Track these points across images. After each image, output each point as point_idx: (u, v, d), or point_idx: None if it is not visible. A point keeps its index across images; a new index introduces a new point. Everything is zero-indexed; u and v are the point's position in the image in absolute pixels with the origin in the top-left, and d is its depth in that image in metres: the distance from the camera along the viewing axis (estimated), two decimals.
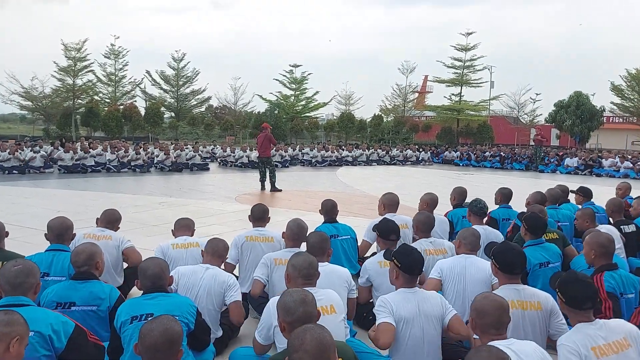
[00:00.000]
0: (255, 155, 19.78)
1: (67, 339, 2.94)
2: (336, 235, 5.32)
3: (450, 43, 62.61)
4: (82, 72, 41.49)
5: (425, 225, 4.86)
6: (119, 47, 45.87)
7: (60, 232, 4.30)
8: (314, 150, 26.01)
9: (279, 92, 50.32)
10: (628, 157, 24.62)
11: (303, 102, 50.51)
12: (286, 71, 49.99)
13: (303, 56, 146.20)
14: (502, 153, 28.23)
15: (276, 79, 50.26)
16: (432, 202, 6.00)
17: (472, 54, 45.52)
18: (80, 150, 19.24)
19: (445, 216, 6.22)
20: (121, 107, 42.83)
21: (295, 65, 49.80)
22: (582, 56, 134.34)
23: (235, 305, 3.94)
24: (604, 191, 12.55)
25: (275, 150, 23.03)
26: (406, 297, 3.37)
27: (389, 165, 26.96)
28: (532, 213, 4.90)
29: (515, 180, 19.31)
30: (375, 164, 27.06)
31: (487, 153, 29.11)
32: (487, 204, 5.51)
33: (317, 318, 2.74)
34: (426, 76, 62.45)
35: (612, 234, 5.03)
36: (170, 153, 20.72)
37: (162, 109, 46.29)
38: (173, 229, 5.02)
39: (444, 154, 30.45)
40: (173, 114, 50.74)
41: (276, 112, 46.22)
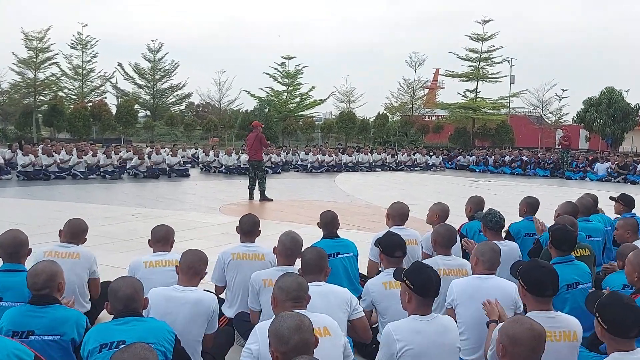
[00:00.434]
0: (246, 159, 19.77)
1: None
2: (337, 253, 5.27)
3: (465, 32, 62.97)
4: (45, 64, 41.52)
5: (445, 240, 4.82)
6: (87, 36, 46.00)
7: (14, 249, 4.21)
8: (309, 154, 26.03)
9: (269, 87, 50.56)
10: None
11: (297, 99, 50.65)
12: (278, 64, 50.25)
13: (297, 48, 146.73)
14: (524, 157, 28.31)
15: (266, 73, 50.49)
16: (443, 213, 5.99)
17: (490, 44, 45.81)
18: (42, 153, 19.21)
19: (459, 230, 6.21)
20: (89, 104, 42.84)
21: (289, 57, 50.02)
22: (615, 47, 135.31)
23: (211, 336, 4.00)
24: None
25: (265, 153, 23.03)
26: (417, 327, 3.33)
27: (395, 172, 26.99)
28: (562, 225, 4.88)
29: (539, 189, 19.34)
30: (380, 169, 27.09)
31: (506, 157, 29.18)
32: (503, 215, 5.49)
33: (314, 345, 2.73)
34: (437, 70, 62.78)
35: None
36: (145, 157, 20.70)
37: (136, 106, 46.33)
38: (150, 240, 4.97)
39: (458, 158, 30.51)
40: (148, 113, 50.79)
41: (266, 110, 46.32)
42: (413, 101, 50.51)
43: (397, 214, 5.71)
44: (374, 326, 4.40)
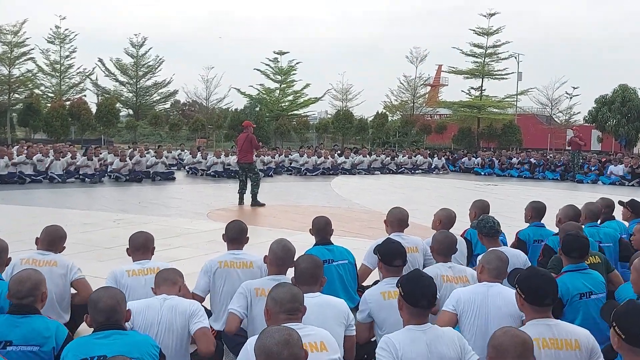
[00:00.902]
0: (235, 161, 19.72)
1: None
2: (331, 260, 5.31)
3: (469, 26, 63.13)
4: (20, 60, 41.44)
5: (443, 247, 4.88)
6: (65, 29, 45.96)
7: None
8: (303, 155, 26.05)
9: (261, 85, 50.55)
10: None
11: (290, 97, 50.67)
12: (270, 59, 50.25)
13: (291, 42, 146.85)
14: (532, 159, 28.41)
15: (257, 69, 50.48)
16: (448, 220, 6.02)
17: (496, 39, 45.98)
18: (17, 155, 19.17)
19: (462, 235, 6.24)
20: (67, 103, 42.78)
21: (281, 53, 50.06)
22: (629, 43, 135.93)
23: (201, 332, 3.88)
24: None
25: (256, 156, 23.04)
26: (414, 337, 3.36)
27: (395, 175, 27.04)
28: (574, 232, 4.93)
29: (548, 193, 19.42)
30: (379, 172, 27.14)
31: (514, 159, 29.28)
32: (499, 221, 5.55)
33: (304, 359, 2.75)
34: (440, 66, 62.97)
35: None
36: (127, 159, 20.69)
37: (118, 105, 46.29)
38: (128, 248, 4.99)
39: (462, 160, 30.60)
40: (131, 112, 50.72)
41: (257, 109, 46.38)
42: (414, 99, 50.62)
43: (396, 220, 5.74)
44: (373, 339, 4.42)
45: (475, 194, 18.27)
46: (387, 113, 50.28)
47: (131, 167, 20.57)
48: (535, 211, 6.49)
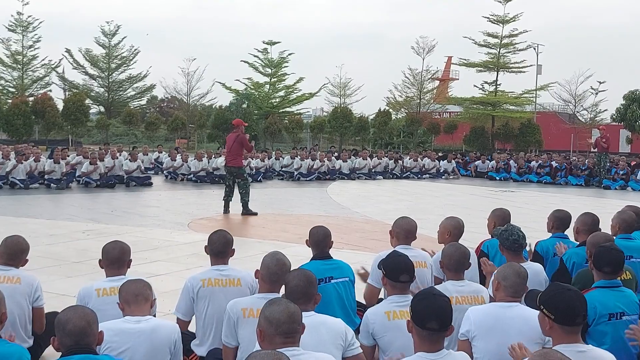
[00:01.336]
0: (221, 163, 19.64)
1: None
2: (329, 278, 5.29)
3: (483, 13, 63.45)
4: None
5: (454, 262, 4.84)
6: (29, 16, 45.99)
7: None
8: (296, 158, 26.05)
9: (248, 78, 50.60)
10: None
11: (282, 93, 50.76)
12: (259, 50, 50.34)
13: (282, 31, 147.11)
14: (553, 163, 28.47)
15: (245, 61, 50.56)
16: (456, 230, 6.01)
17: (512, 27, 46.10)
18: None
19: (479, 248, 6.23)
20: (31, 99, 42.72)
21: (272, 43, 50.13)
22: None
23: None
24: None
25: (244, 158, 22.99)
26: None
27: (400, 180, 27.08)
28: (609, 244, 4.92)
29: (572, 200, 19.48)
30: (381, 177, 27.16)
31: (533, 163, 29.32)
32: (524, 233, 5.52)
33: None
34: (449, 58, 63.14)
35: None
36: (98, 162, 20.65)
37: (88, 101, 46.22)
38: (101, 260, 4.96)
39: (475, 163, 30.65)
40: (102, 109, 50.67)
41: (245, 105, 46.32)
42: (421, 95, 50.70)
43: (403, 231, 5.73)
44: None
45: (490, 201, 18.27)
46: (391, 110, 50.30)
47: (102, 171, 20.51)
48: (558, 221, 6.47)
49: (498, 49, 46.39)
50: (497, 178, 28.36)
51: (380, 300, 5.25)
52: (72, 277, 7.97)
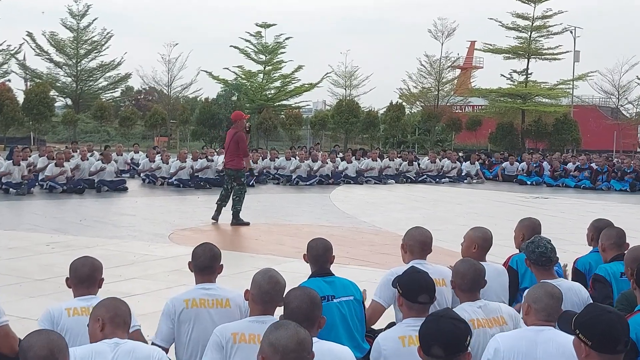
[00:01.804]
0: (211, 164, 19.58)
1: None
2: (331, 297, 5.30)
3: None
4: None
5: (468, 280, 4.84)
6: None
7: None
8: (292, 159, 26.01)
9: (239, 67, 50.62)
10: None
11: (278, 83, 50.78)
12: (251, 34, 50.38)
13: (278, 13, 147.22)
14: (593, 164, 28.44)
15: (235, 47, 50.63)
16: (483, 242, 6.01)
17: (545, 7, 46.25)
18: None
19: (507, 263, 6.24)
20: None
21: (266, 25, 50.18)
22: None
23: None
24: None
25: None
26: None
27: (415, 184, 27.03)
28: None
29: (615, 208, 19.46)
30: (393, 181, 27.09)
31: (569, 164, 29.30)
32: (554, 246, 5.53)
33: None
34: (472, 43, 63.05)
35: None
36: (64, 164, 20.65)
37: (53, 93, 46.20)
38: (68, 278, 4.97)
39: (502, 165, 30.63)
40: (70, 102, 50.65)
41: (235, 98, 46.38)
42: (439, 86, 50.76)
43: (416, 243, 5.72)
44: None
45: (519, 209, 18.24)
46: (404, 104, 50.37)
47: (70, 174, 20.51)
48: (600, 232, 6.49)
49: (529, 33, 46.43)
50: (528, 182, 28.30)
51: (392, 324, 5.25)
52: (35, 297, 7.95)
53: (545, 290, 4.31)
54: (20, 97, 43.23)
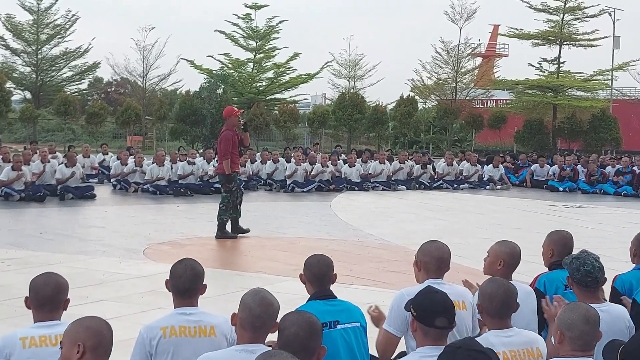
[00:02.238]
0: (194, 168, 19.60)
1: None
2: (334, 323, 5.29)
3: None
4: None
5: (497, 304, 4.81)
6: None
7: None
8: (277, 162, 26.02)
9: (225, 54, 50.72)
10: None
11: (270, 74, 50.85)
12: (239, 16, 50.42)
13: None
14: (636, 168, 28.43)
15: (221, 31, 50.70)
16: (510, 258, 5.99)
17: None
18: None
19: (533, 284, 6.23)
20: None
21: (256, 7, 50.22)
22: None
23: None
24: None
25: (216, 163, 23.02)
26: None
27: (429, 191, 27.06)
28: None
29: None
30: (404, 187, 27.09)
31: (608, 168, 29.29)
32: (603, 265, 5.50)
33: None
34: (496, 27, 63.24)
35: None
36: (23, 167, 20.64)
37: (9, 85, 46.26)
38: (28, 298, 4.93)
39: (531, 168, 30.63)
40: (29, 95, 50.67)
41: (220, 91, 46.43)
42: (457, 77, 50.76)
43: (432, 260, 5.70)
44: None
45: (550, 220, 18.26)
46: (417, 98, 50.40)
47: (29, 179, 20.51)
48: None
49: (561, 15, 46.49)
50: (561, 189, 28.30)
51: (402, 354, 5.24)
52: None
53: (579, 314, 4.25)
54: None
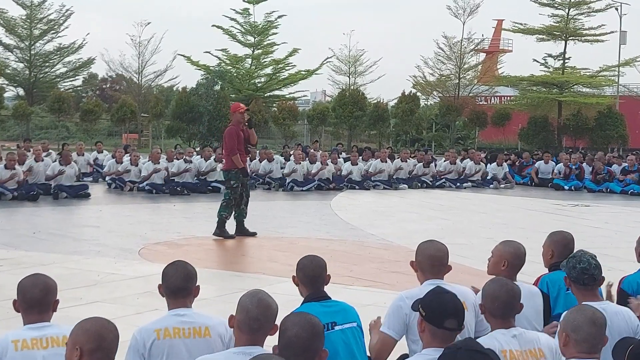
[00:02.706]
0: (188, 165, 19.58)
1: None
2: (332, 324, 5.29)
3: None
4: None
5: (499, 304, 4.83)
6: None
7: None
8: (275, 158, 25.99)
9: (223, 50, 50.64)
10: None
11: (269, 70, 50.84)
12: (237, 11, 50.41)
13: None
14: None
15: (218, 26, 50.64)
16: (515, 258, 5.99)
17: None
18: None
19: (536, 284, 6.24)
20: None
21: (255, 1, 50.14)
22: None
23: None
24: None
25: (216, 161, 23.01)
26: None
27: (432, 190, 27.08)
28: None
29: None
30: (406, 186, 27.07)
31: (615, 166, 29.27)
32: (599, 263, 5.50)
33: None
34: (500, 22, 63.23)
35: None
36: (16, 166, 20.64)
37: (2, 81, 46.27)
38: (16, 301, 4.92)
39: (535, 166, 30.61)
40: (22, 92, 50.65)
41: (217, 87, 46.39)
42: (460, 73, 50.69)
43: (427, 259, 5.68)
44: None
45: (555, 219, 18.25)
46: (419, 94, 50.35)
47: (22, 177, 20.51)
48: None
49: (567, 10, 46.43)
50: (566, 187, 28.26)
51: (404, 356, 5.24)
52: None
53: (585, 316, 4.26)
54: None
